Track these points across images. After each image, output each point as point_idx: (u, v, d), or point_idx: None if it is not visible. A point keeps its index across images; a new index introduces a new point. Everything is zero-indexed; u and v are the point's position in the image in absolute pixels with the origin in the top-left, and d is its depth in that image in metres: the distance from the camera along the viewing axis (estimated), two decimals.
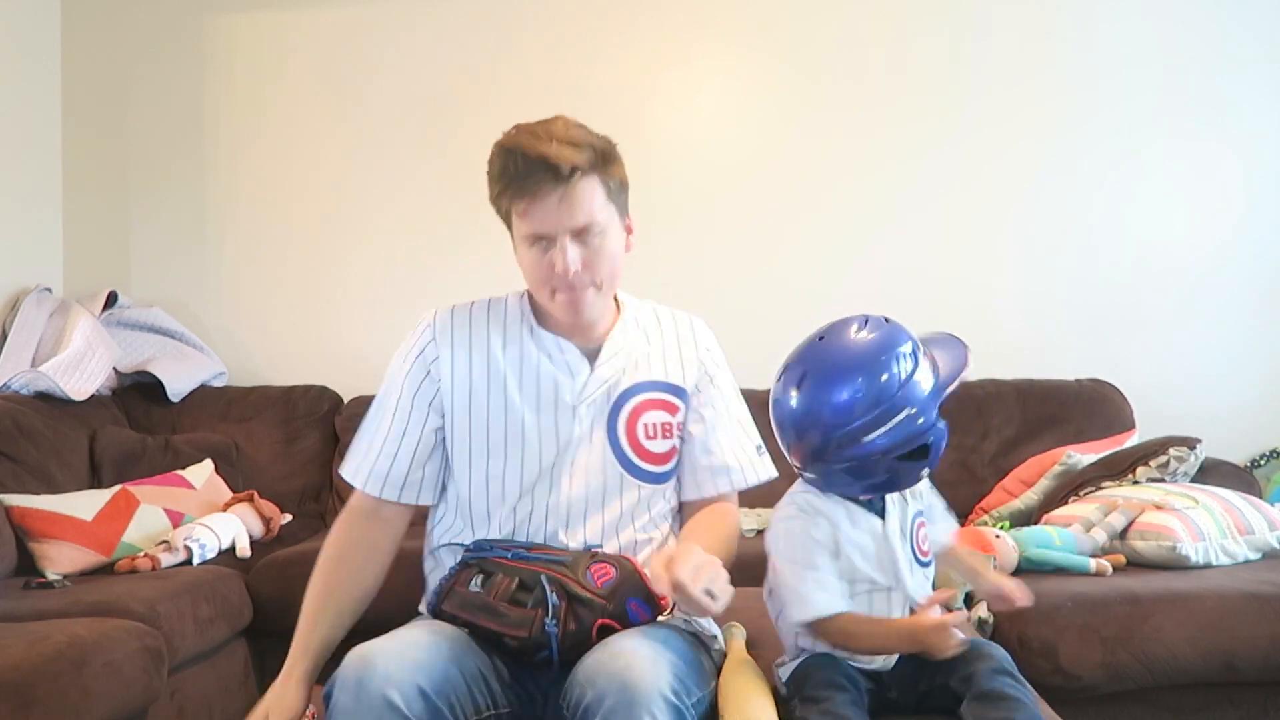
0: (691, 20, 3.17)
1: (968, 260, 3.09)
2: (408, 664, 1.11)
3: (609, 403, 1.44)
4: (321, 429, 3.02)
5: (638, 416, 1.45)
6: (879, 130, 3.12)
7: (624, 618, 1.24)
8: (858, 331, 1.29)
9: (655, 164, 3.07)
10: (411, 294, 3.22)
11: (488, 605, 1.24)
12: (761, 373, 2.89)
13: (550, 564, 1.27)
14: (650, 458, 1.45)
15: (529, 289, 1.46)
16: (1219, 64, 3.02)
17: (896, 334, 1.29)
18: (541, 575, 1.24)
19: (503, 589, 1.25)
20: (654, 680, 1.09)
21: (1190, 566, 2.08)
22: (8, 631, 1.69)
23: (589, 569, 1.26)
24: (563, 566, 1.26)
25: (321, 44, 3.29)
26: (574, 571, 1.25)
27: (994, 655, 1.28)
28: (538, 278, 1.39)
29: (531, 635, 1.21)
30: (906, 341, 1.29)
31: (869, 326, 1.29)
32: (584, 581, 1.24)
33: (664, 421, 1.46)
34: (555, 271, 1.35)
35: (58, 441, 2.61)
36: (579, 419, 1.42)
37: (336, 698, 1.10)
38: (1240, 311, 3.02)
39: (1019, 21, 3.08)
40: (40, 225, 3.26)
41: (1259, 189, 3.02)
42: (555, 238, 1.35)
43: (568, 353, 1.44)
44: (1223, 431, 2.82)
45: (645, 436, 1.44)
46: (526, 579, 1.25)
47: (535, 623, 1.21)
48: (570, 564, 1.26)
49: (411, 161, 3.24)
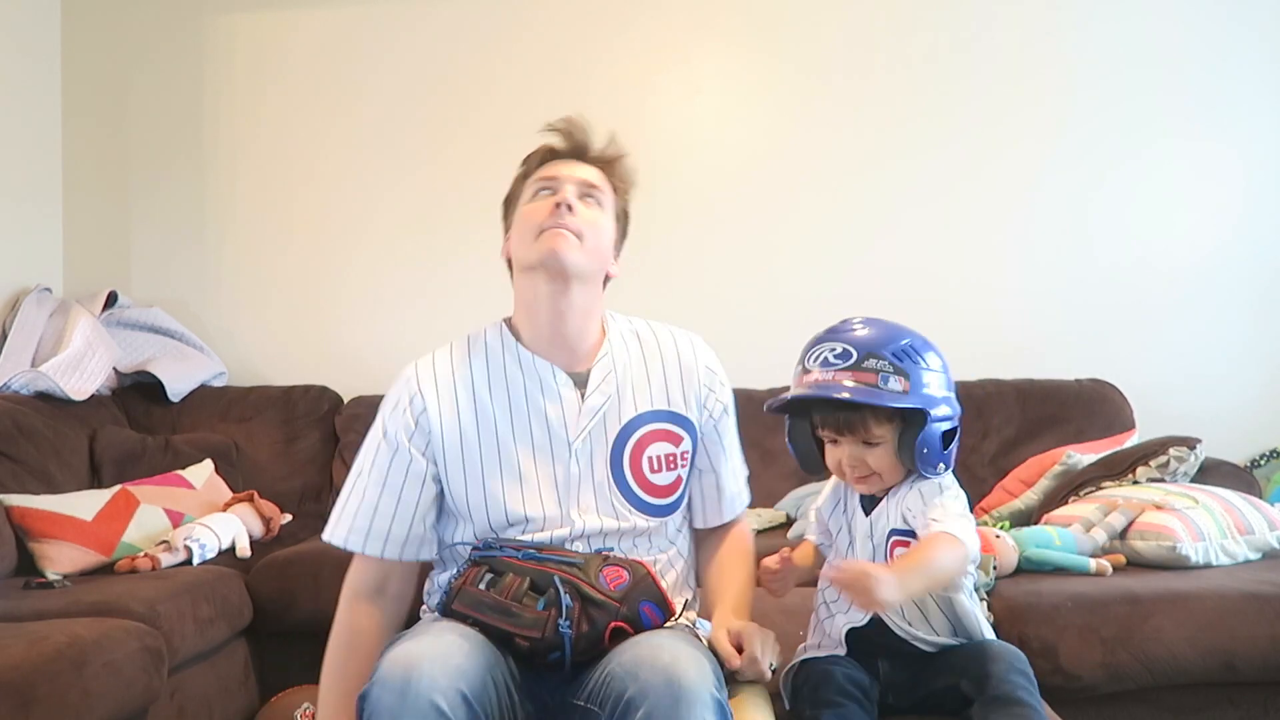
0: (692, 20, 3.17)
1: (968, 260, 3.09)
2: (452, 670, 1.11)
3: (611, 438, 1.41)
4: (321, 429, 3.02)
5: (643, 450, 1.42)
6: (879, 130, 3.12)
7: (637, 621, 1.23)
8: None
9: (654, 164, 3.06)
10: (411, 294, 3.22)
11: (501, 605, 1.22)
12: (761, 373, 2.91)
13: (563, 565, 1.26)
14: (657, 491, 1.43)
15: (516, 248, 1.44)
16: (1219, 64, 3.02)
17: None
18: (555, 576, 1.23)
19: (514, 589, 1.24)
20: (701, 678, 1.09)
21: (1190, 566, 2.07)
22: (8, 631, 1.69)
23: (601, 572, 1.25)
24: (575, 568, 1.25)
25: (321, 44, 3.29)
26: (587, 574, 1.24)
27: (1006, 656, 1.27)
28: (530, 223, 1.39)
29: (545, 636, 1.20)
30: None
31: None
32: (597, 584, 1.23)
33: (668, 453, 1.43)
34: (550, 208, 1.37)
35: (58, 441, 2.61)
36: (577, 457, 1.39)
37: (379, 697, 1.08)
38: (1240, 311, 3.02)
39: (1020, 22, 3.08)
40: (40, 225, 3.26)
41: (1259, 189, 3.02)
42: (560, 185, 1.41)
43: (558, 378, 1.41)
44: (1223, 431, 2.82)
45: (651, 470, 1.42)
46: (538, 580, 1.24)
47: (549, 624, 1.20)
48: (583, 566, 1.26)
49: (411, 161, 3.24)
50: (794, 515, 2.58)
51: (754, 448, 2.79)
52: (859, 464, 1.33)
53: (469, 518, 1.40)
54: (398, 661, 1.10)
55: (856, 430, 1.31)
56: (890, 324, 1.35)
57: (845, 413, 1.31)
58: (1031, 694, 1.22)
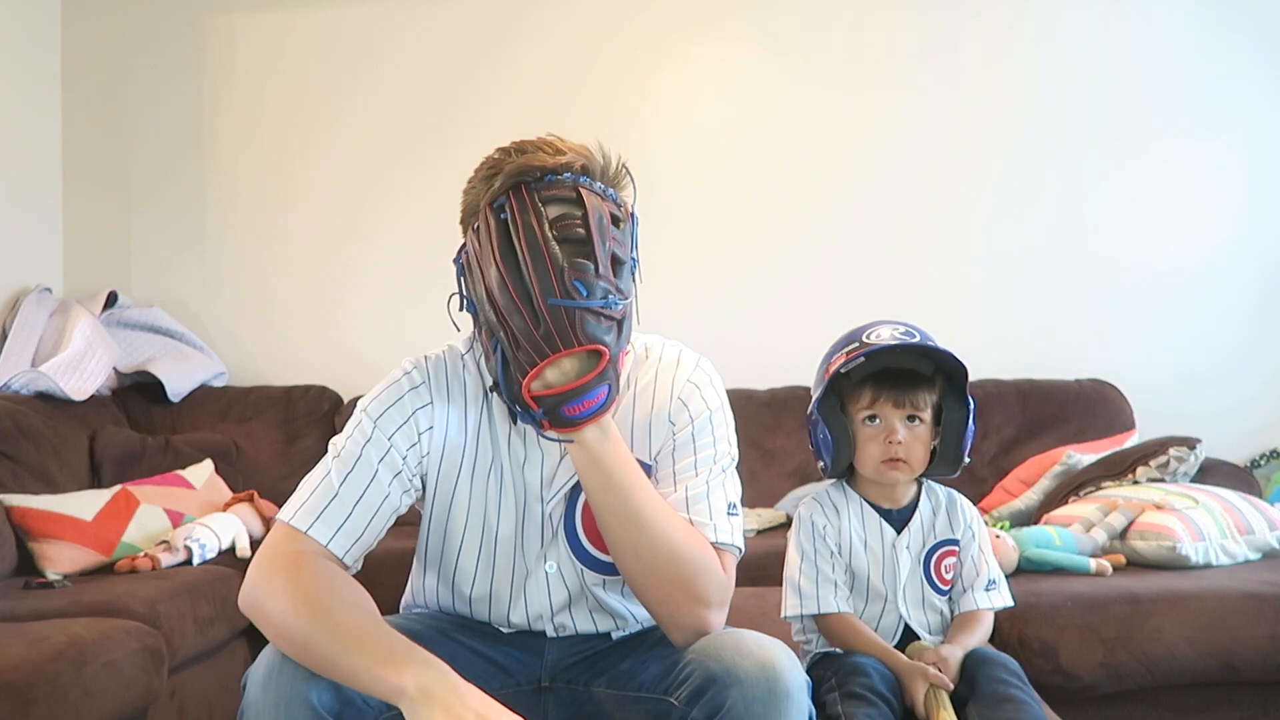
0: (692, 21, 3.17)
1: (968, 260, 3.09)
2: None
3: (569, 491, 1.23)
4: (321, 429, 3.02)
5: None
6: (879, 130, 3.11)
7: None
8: None
9: (652, 164, 3.07)
10: (412, 294, 3.22)
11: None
12: (761, 372, 2.92)
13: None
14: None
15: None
16: (1219, 64, 3.02)
17: None
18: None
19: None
20: (795, 666, 1.06)
21: (1190, 566, 2.08)
22: (8, 631, 1.69)
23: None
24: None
25: (321, 44, 3.29)
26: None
27: (999, 660, 1.32)
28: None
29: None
30: None
31: None
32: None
33: None
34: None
35: (58, 441, 2.61)
36: (549, 519, 1.23)
37: (249, 694, 1.05)
38: (1240, 311, 3.02)
39: (1021, 21, 3.08)
40: (40, 225, 3.26)
41: (1259, 189, 3.02)
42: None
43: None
44: (1223, 431, 2.83)
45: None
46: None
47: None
48: None
49: (411, 161, 3.24)
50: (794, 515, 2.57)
51: (754, 447, 2.83)
52: (903, 444, 1.39)
53: (422, 559, 1.29)
54: (267, 656, 1.08)
55: (918, 398, 1.40)
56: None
57: (911, 383, 1.41)
58: (1024, 691, 1.26)
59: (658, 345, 1.28)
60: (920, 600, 1.44)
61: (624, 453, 1.12)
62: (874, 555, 1.44)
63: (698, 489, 1.18)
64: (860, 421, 1.42)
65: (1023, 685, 1.27)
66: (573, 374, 1.06)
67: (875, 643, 1.37)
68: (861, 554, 1.44)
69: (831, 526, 1.45)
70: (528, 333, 1.05)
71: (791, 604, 1.42)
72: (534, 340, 1.05)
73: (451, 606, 1.30)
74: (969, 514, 1.49)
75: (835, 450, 1.43)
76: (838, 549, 1.44)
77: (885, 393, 1.40)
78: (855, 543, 1.44)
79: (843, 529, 1.45)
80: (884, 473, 1.42)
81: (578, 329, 1.04)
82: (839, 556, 1.43)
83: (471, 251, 1.15)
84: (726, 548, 1.17)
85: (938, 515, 1.47)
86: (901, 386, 1.41)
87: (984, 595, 1.44)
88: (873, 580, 1.43)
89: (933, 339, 1.41)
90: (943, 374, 1.45)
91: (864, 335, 1.41)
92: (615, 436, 1.12)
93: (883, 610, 1.43)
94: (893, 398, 1.40)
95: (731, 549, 1.17)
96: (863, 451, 1.43)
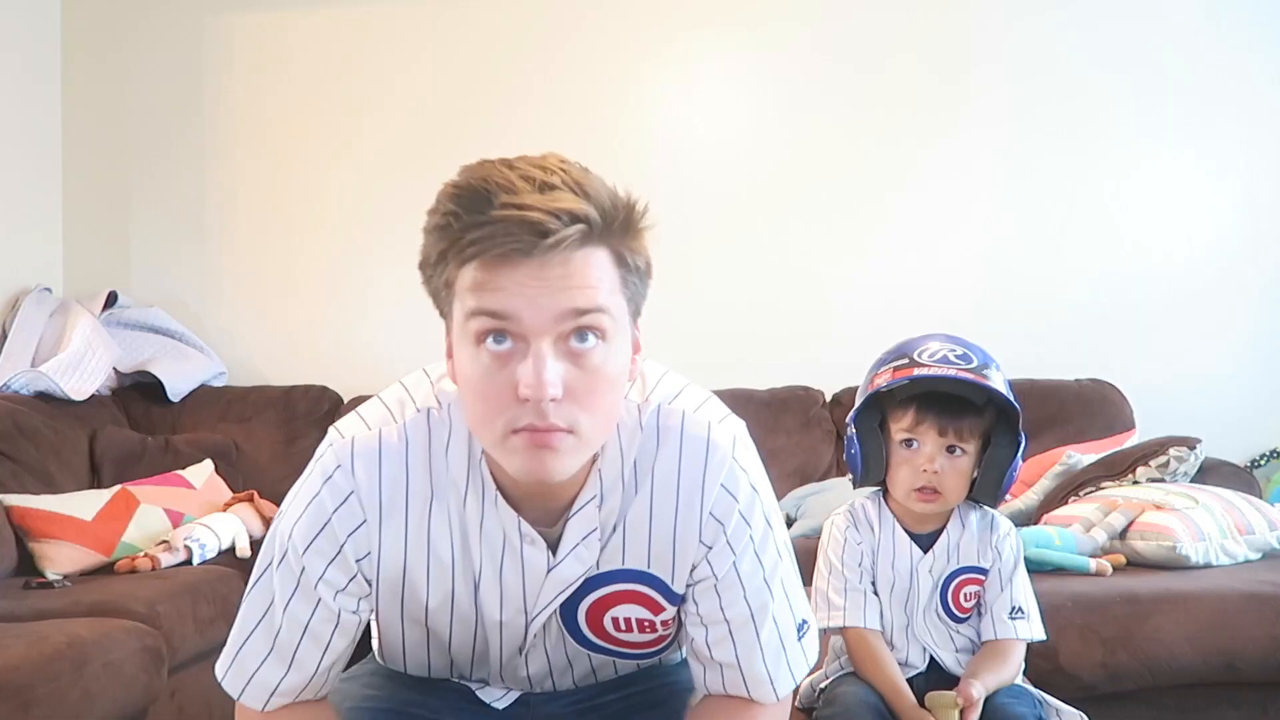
0: (693, 20, 3.17)
1: (968, 260, 3.09)
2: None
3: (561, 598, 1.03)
4: (321, 429, 2.96)
5: (604, 611, 1.03)
6: (878, 130, 3.11)
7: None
8: None
9: (649, 163, 3.06)
10: (411, 294, 3.16)
11: None
12: (762, 372, 2.91)
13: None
14: (628, 645, 1.07)
15: (470, 425, 0.93)
16: (1219, 64, 3.01)
17: None
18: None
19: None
20: None
21: (1190, 566, 2.07)
22: (8, 631, 1.69)
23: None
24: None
25: (321, 44, 3.29)
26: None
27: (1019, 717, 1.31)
28: (487, 406, 0.87)
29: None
30: None
31: None
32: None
33: (641, 618, 1.04)
34: (517, 394, 0.84)
35: (58, 441, 2.61)
36: (532, 627, 1.04)
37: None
38: (1240, 311, 3.02)
39: (1021, 21, 3.07)
40: (40, 225, 3.26)
41: (1259, 189, 3.02)
42: (527, 337, 0.85)
43: (526, 536, 0.97)
44: (1223, 431, 2.82)
45: (615, 629, 1.05)
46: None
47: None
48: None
49: (411, 161, 3.24)
50: (795, 516, 2.57)
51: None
52: (939, 474, 1.30)
53: (399, 644, 1.11)
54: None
55: (963, 428, 1.31)
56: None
57: (958, 410, 1.31)
58: (1026, 687, 1.26)
59: (672, 411, 1.00)
60: (935, 626, 1.39)
61: None
62: (900, 576, 1.37)
63: (746, 639, 1.01)
64: (898, 442, 1.33)
65: (1024, 687, 1.28)
66: None
67: (890, 679, 1.31)
68: (889, 573, 1.38)
69: (866, 544, 1.39)
70: None
71: (820, 616, 1.34)
72: None
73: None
74: (1005, 540, 1.40)
75: (865, 468, 1.36)
76: (867, 565, 1.38)
77: (929, 418, 1.30)
78: (882, 562, 1.38)
79: (874, 546, 1.39)
80: (914, 501, 1.34)
81: None
82: (866, 571, 1.38)
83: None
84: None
85: (965, 539, 1.39)
86: (947, 413, 1.30)
87: (1006, 623, 1.35)
88: (895, 601, 1.38)
89: (990, 359, 1.30)
90: (995, 405, 1.34)
91: (915, 352, 1.31)
92: None
93: (908, 634, 1.38)
94: (936, 424, 1.30)
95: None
96: (896, 474, 1.34)
